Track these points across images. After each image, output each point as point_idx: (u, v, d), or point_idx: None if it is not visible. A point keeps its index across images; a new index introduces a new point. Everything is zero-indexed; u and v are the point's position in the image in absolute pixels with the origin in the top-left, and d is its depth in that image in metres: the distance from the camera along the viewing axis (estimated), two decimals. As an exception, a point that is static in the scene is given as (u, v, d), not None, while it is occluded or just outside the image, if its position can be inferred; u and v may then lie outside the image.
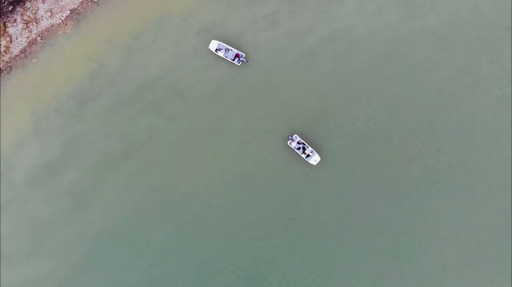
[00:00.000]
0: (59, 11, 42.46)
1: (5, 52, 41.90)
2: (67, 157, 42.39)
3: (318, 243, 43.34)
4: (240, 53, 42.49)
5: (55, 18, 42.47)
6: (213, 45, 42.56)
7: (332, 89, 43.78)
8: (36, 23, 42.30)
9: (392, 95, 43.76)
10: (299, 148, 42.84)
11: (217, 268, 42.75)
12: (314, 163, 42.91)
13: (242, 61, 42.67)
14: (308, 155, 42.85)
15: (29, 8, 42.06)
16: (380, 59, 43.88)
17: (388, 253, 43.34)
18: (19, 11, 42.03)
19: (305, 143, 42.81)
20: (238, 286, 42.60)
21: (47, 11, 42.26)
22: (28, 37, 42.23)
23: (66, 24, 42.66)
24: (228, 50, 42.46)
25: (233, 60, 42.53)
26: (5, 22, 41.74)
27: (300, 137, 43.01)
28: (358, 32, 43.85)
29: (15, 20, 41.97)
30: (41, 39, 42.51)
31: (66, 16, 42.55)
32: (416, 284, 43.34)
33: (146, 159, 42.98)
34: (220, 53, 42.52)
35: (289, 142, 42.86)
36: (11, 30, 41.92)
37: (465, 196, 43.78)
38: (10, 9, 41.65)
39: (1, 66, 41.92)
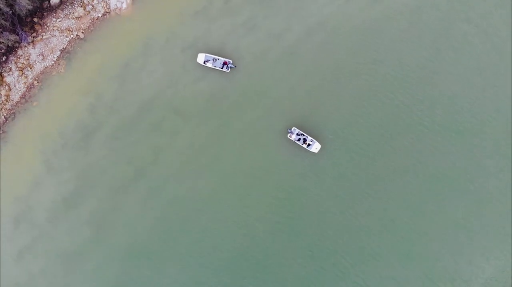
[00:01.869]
0: (50, 53, 44.30)
1: (6, 101, 43.68)
2: (82, 189, 43.95)
3: (334, 222, 44.82)
4: (227, 60, 44.29)
5: (47, 60, 44.30)
6: (201, 58, 44.40)
7: (319, 79, 45.33)
8: (31, 68, 44.09)
9: (377, 72, 45.21)
10: (299, 139, 44.40)
11: (243, 262, 44.21)
12: (316, 151, 44.41)
13: (230, 67, 44.44)
14: (309, 145, 44.38)
15: (21, 55, 43.97)
16: (359, 43, 45.34)
17: (402, 219, 45.06)
18: (13, 59, 43.90)
19: (304, 133, 44.34)
20: (266, 275, 44.15)
21: (39, 55, 44.14)
22: (25, 82, 43.99)
23: (58, 64, 44.45)
24: (216, 60, 44.28)
25: (222, 68, 44.35)
26: (1, 72, 43.57)
27: (298, 128, 44.54)
28: (333, 21, 45.42)
29: (10, 69, 43.82)
30: (37, 82, 44.24)
31: (57, 56, 44.39)
32: (437, 246, 45.37)
33: (156, 176, 44.42)
34: (209, 64, 44.33)
35: (288, 135, 44.37)
36: (8, 79, 43.76)
37: (464, 155, 45.52)
38: (3, 59, 43.51)
39: (4, 115, 43.65)
